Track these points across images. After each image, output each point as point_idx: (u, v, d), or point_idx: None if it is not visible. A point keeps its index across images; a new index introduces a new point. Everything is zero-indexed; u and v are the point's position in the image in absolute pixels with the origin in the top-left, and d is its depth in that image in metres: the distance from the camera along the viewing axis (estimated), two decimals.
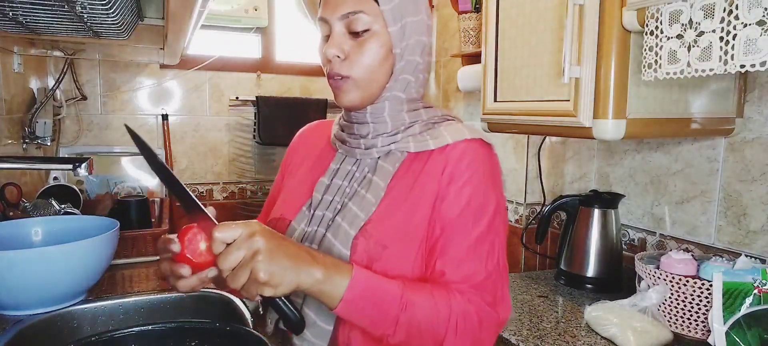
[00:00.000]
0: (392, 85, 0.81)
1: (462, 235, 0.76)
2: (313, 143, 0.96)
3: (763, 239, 1.21)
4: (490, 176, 0.80)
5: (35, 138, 2.00)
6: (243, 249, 0.63)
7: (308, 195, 0.85)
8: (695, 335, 1.12)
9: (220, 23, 2.56)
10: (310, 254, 0.68)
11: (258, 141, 2.60)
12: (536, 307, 1.32)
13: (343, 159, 0.86)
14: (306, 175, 0.91)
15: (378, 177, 0.80)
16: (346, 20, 0.77)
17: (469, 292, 0.75)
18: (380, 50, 0.78)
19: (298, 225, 0.83)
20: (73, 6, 1.12)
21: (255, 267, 0.62)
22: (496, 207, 0.79)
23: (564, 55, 1.09)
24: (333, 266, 0.69)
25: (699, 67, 0.91)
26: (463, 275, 0.75)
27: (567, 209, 1.52)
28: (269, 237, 0.65)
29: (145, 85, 2.52)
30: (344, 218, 0.79)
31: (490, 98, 1.39)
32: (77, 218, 1.36)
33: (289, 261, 0.65)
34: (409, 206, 0.78)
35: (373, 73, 0.79)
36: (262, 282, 0.63)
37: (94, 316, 1.13)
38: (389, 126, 0.82)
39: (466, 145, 0.79)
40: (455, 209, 0.77)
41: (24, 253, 1.03)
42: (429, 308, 0.71)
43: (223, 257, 0.63)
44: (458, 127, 0.83)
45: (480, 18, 1.80)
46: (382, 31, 0.78)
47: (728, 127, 1.23)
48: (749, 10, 0.83)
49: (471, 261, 0.76)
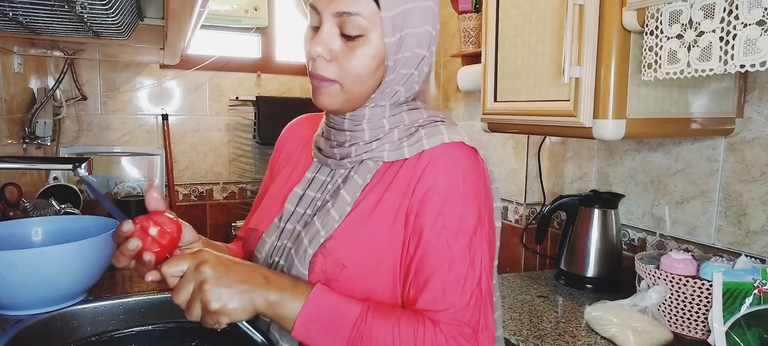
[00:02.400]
0: (377, 96, 0.74)
1: (437, 255, 0.68)
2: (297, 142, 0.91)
3: (763, 239, 1.21)
4: (471, 184, 0.70)
5: (35, 138, 2.00)
6: (192, 281, 0.61)
7: (281, 206, 0.81)
8: (695, 335, 1.12)
9: (220, 23, 2.56)
10: (264, 276, 0.65)
11: (258, 141, 2.60)
12: (536, 307, 1.32)
13: (319, 168, 0.80)
14: (283, 182, 0.86)
15: (346, 191, 0.74)
16: (339, 19, 0.69)
17: (443, 322, 0.66)
18: (371, 61, 0.70)
19: (269, 238, 0.80)
20: (73, 6, 1.12)
21: (204, 298, 0.60)
22: (478, 221, 0.70)
23: (564, 55, 1.09)
24: (288, 288, 0.65)
25: (699, 67, 0.91)
26: (436, 302, 0.67)
27: (567, 209, 1.52)
28: (216, 265, 0.62)
29: (145, 85, 2.52)
30: (307, 234, 0.74)
31: (490, 98, 1.39)
32: (77, 218, 1.36)
33: (239, 286, 0.62)
34: (376, 221, 0.71)
35: (360, 83, 0.71)
36: (215, 311, 0.61)
37: (94, 316, 1.13)
38: (367, 135, 0.75)
39: (442, 150, 0.71)
40: (429, 224, 0.68)
41: (24, 253, 1.03)
42: (390, 339, 0.64)
43: (174, 291, 0.62)
44: (440, 129, 0.74)
45: (480, 18, 1.80)
46: (377, 40, 0.69)
47: (728, 127, 1.23)
48: (749, 10, 0.83)
49: (446, 287, 0.67)
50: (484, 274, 0.69)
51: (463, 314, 0.67)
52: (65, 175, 2.17)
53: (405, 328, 0.65)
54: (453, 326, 0.66)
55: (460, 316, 0.67)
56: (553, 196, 1.78)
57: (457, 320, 0.67)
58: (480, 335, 0.68)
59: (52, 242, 1.23)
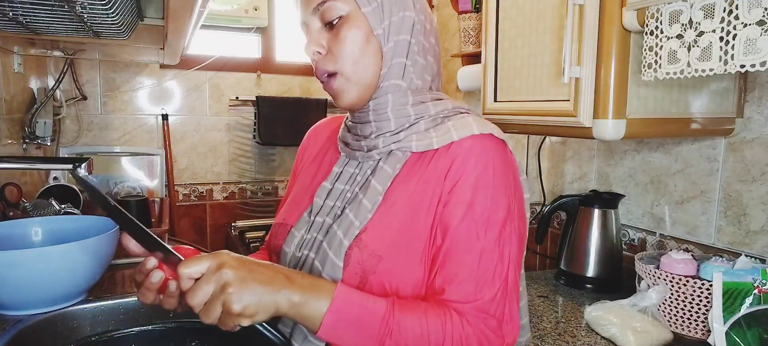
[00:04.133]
0: (386, 72, 0.75)
1: (465, 247, 0.68)
2: (321, 143, 0.92)
3: (763, 239, 1.21)
4: (501, 177, 0.70)
5: (35, 138, 2.00)
6: (212, 283, 0.59)
7: (310, 200, 0.82)
8: (695, 335, 1.12)
9: (220, 23, 2.56)
10: (286, 277, 0.64)
11: (258, 141, 2.60)
12: (536, 307, 1.32)
13: (347, 162, 0.81)
14: (310, 178, 0.87)
15: (376, 181, 0.74)
16: (318, 13, 0.73)
17: (470, 313, 0.67)
18: (358, 34, 0.72)
19: (298, 232, 0.80)
20: (73, 6, 1.12)
21: (227, 300, 0.59)
22: (508, 214, 0.70)
23: (564, 55, 1.09)
24: (311, 288, 0.64)
25: (699, 67, 0.91)
26: (465, 294, 0.67)
27: (567, 209, 1.52)
28: (238, 266, 0.61)
29: (145, 85, 2.52)
30: (340, 226, 0.74)
31: (490, 98, 1.39)
32: (77, 218, 1.36)
33: (263, 287, 0.61)
34: (408, 212, 0.71)
35: (357, 62, 0.73)
36: (237, 314, 0.59)
37: (94, 316, 1.13)
38: (392, 124, 0.76)
39: (472, 142, 0.71)
40: (458, 216, 0.69)
41: (24, 253, 1.03)
42: (419, 333, 0.65)
43: (191, 294, 0.60)
44: (467, 121, 0.74)
45: (480, 18, 1.80)
46: (355, 13, 0.72)
47: (728, 127, 1.23)
48: (749, 10, 0.83)
49: (474, 278, 0.67)
50: (511, 266, 0.70)
51: (489, 307, 0.67)
52: (65, 175, 2.17)
53: (433, 320, 0.66)
54: (479, 318, 0.67)
55: (486, 308, 0.67)
56: (553, 196, 1.78)
57: (483, 312, 0.67)
58: (505, 326, 0.68)
59: (52, 242, 1.23)
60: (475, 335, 0.66)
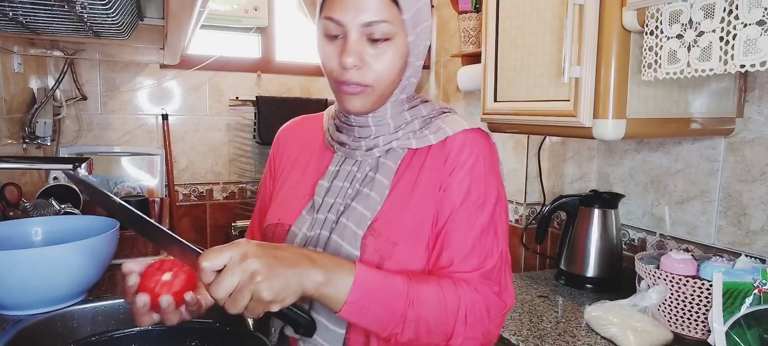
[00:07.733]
0: (398, 91, 0.80)
1: (467, 225, 0.76)
2: (301, 144, 0.93)
3: (763, 239, 1.21)
4: (490, 164, 0.80)
5: (35, 138, 2.00)
6: (237, 274, 0.59)
7: (307, 198, 0.83)
8: (695, 335, 1.12)
9: (220, 23, 2.55)
10: (308, 257, 0.65)
11: (258, 141, 2.60)
12: (536, 307, 1.32)
13: (343, 160, 0.83)
14: (301, 177, 0.88)
15: (381, 175, 0.79)
16: (366, 28, 0.73)
17: (476, 281, 0.74)
18: (399, 61, 0.76)
19: (299, 230, 0.81)
20: (73, 6, 1.12)
21: (256, 289, 0.59)
22: (498, 195, 0.79)
23: (564, 55, 1.09)
24: (334, 267, 0.66)
25: (699, 67, 0.91)
26: (472, 264, 0.75)
27: (567, 209, 1.52)
28: (263, 254, 0.61)
29: (145, 85, 2.52)
30: (350, 218, 0.77)
31: (490, 98, 1.39)
32: (77, 218, 1.36)
33: (290, 270, 0.62)
34: (416, 201, 0.78)
35: (389, 82, 0.77)
36: (269, 301, 0.60)
37: (94, 316, 1.13)
38: (392, 127, 0.81)
39: (465, 136, 0.79)
40: (458, 199, 0.76)
41: (24, 253, 1.03)
42: (437, 301, 0.70)
43: (216, 286, 0.59)
44: (455, 118, 0.83)
45: (480, 18, 1.81)
46: (401, 41, 0.75)
47: (728, 127, 1.23)
48: (749, 10, 0.83)
49: (478, 251, 0.75)
50: (504, 242, 0.79)
51: (491, 275, 0.76)
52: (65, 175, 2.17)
53: (447, 289, 0.72)
54: (485, 284, 0.75)
55: (489, 276, 0.76)
56: (553, 196, 1.78)
57: (487, 280, 0.75)
58: (503, 294, 0.77)
59: (52, 242, 1.23)
60: (484, 300, 0.73)
